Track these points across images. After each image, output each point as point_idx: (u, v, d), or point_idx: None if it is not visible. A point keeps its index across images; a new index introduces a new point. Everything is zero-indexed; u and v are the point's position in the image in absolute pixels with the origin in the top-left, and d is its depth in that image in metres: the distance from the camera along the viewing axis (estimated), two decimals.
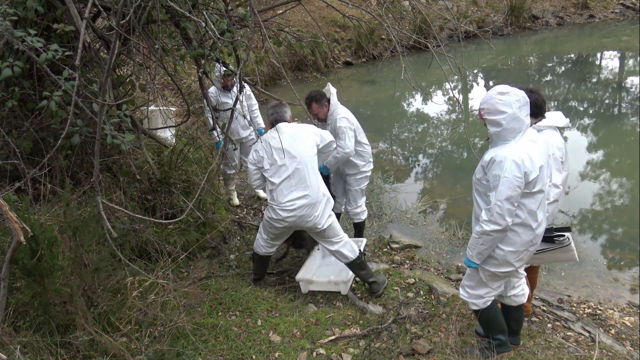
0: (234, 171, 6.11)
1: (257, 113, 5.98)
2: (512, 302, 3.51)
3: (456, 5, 15.29)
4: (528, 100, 3.06)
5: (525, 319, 4.08)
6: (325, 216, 4.19)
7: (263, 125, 6.10)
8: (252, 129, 5.89)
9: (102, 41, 3.98)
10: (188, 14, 3.19)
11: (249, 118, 5.74)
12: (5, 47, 3.40)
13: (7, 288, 2.68)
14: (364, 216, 5.27)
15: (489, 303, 3.38)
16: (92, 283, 3.07)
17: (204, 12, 3.51)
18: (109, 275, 3.21)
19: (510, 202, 2.98)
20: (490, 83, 12.71)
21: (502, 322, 3.49)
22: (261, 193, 6.48)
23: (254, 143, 6.02)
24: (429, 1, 13.96)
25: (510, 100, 2.99)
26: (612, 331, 4.17)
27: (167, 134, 5.49)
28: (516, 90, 3.04)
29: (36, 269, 2.75)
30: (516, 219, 3.08)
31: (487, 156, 3.11)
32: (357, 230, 5.40)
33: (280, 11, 6.97)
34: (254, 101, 5.91)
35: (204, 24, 3.35)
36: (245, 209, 6.23)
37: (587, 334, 4.02)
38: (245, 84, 5.40)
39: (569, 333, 4.04)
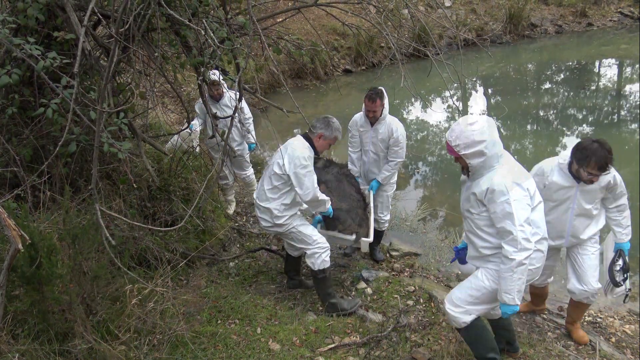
0: (226, 181, 6.08)
1: (251, 128, 5.90)
2: (496, 313, 3.43)
3: (455, 13, 15.36)
4: (493, 121, 2.99)
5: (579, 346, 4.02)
6: (264, 222, 4.21)
7: (253, 140, 5.99)
8: (239, 141, 5.85)
9: (102, 49, 3.99)
10: (188, 22, 3.20)
11: (239, 127, 5.67)
12: (6, 56, 3.41)
13: (6, 296, 2.67)
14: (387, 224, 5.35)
15: (473, 317, 3.25)
16: (91, 291, 3.06)
17: (204, 21, 3.52)
18: (108, 283, 3.19)
19: (527, 222, 2.88)
20: (489, 90, 12.74)
21: (491, 339, 3.38)
22: None
23: (247, 154, 6.02)
24: (428, 9, 14.02)
25: (483, 127, 2.91)
26: (613, 339, 4.15)
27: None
28: (480, 116, 2.99)
29: (35, 276, 2.74)
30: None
31: (479, 188, 2.98)
32: (378, 238, 5.42)
33: (280, 19, 7.00)
34: (248, 115, 5.83)
35: (203, 32, 3.37)
36: (245, 217, 6.22)
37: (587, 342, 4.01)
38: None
39: (569, 342, 4.03)
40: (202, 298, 4.09)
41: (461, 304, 3.23)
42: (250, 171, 6.21)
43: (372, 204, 4.93)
